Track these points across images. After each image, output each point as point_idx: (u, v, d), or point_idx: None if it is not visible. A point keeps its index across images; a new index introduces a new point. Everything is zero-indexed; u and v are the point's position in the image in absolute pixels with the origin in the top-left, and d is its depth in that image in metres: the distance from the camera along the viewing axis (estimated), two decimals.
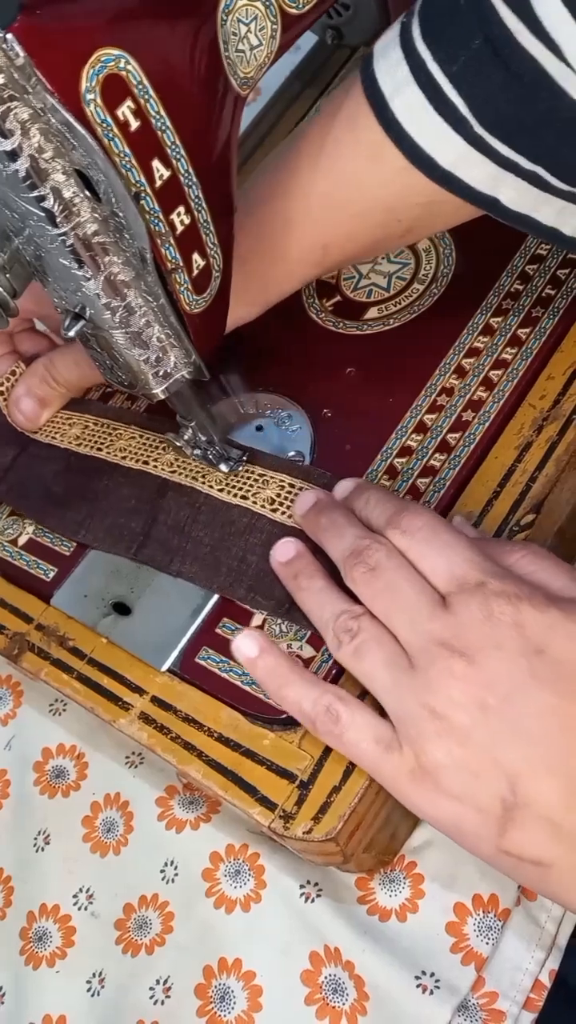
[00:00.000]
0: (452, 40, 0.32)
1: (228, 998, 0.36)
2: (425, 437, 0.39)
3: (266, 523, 0.38)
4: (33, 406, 0.44)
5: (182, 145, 0.29)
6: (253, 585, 0.37)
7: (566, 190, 0.33)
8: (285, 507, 0.38)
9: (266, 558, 0.37)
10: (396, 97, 0.34)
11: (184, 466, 0.41)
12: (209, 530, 0.39)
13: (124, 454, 0.42)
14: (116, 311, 0.31)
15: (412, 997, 0.33)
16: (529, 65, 0.30)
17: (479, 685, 0.28)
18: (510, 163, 0.32)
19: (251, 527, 0.38)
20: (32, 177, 0.27)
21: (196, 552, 0.38)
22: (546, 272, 0.43)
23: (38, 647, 0.40)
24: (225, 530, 0.38)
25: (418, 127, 0.33)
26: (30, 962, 0.40)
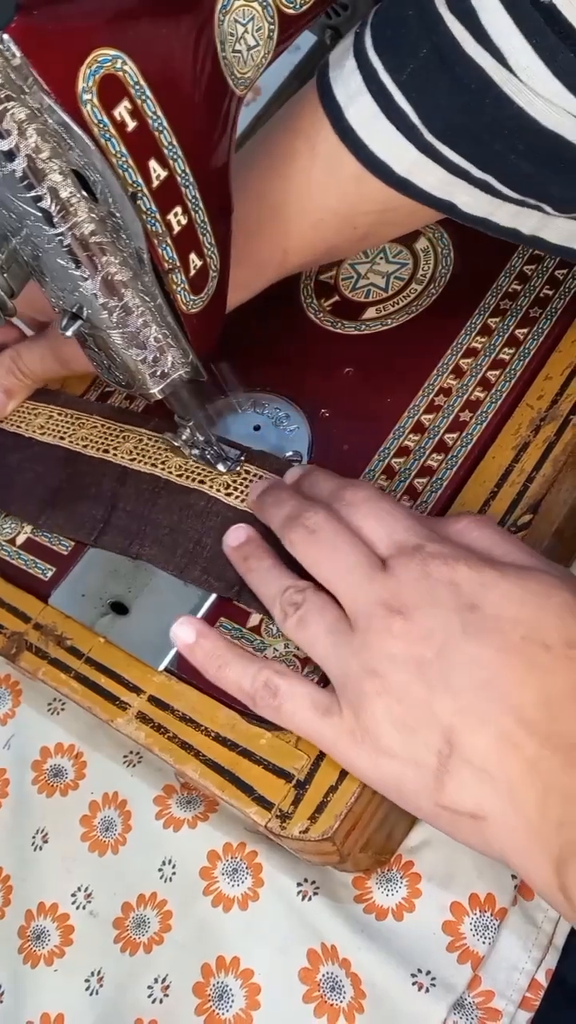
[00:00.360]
0: (401, 49, 0.32)
1: (226, 996, 0.36)
2: (423, 437, 0.39)
3: (222, 507, 0.39)
4: (1, 398, 0.45)
5: (179, 145, 0.29)
6: (207, 567, 0.38)
7: (516, 198, 0.33)
8: (241, 492, 0.39)
9: (221, 541, 0.38)
10: (351, 106, 0.34)
11: (143, 453, 0.42)
12: (167, 513, 0.40)
13: (86, 442, 0.43)
14: (113, 311, 0.31)
15: (408, 995, 0.33)
16: (475, 74, 0.30)
17: (415, 641, 0.29)
18: (461, 170, 0.33)
19: (207, 511, 0.39)
20: (29, 177, 0.27)
21: (155, 535, 0.40)
22: (544, 273, 0.43)
23: (36, 646, 0.40)
24: (184, 513, 0.39)
25: (372, 135, 0.34)
26: (28, 961, 0.40)
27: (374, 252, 0.47)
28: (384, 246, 0.47)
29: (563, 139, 0.30)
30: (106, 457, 0.42)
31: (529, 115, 0.30)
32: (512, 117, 0.30)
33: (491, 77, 0.30)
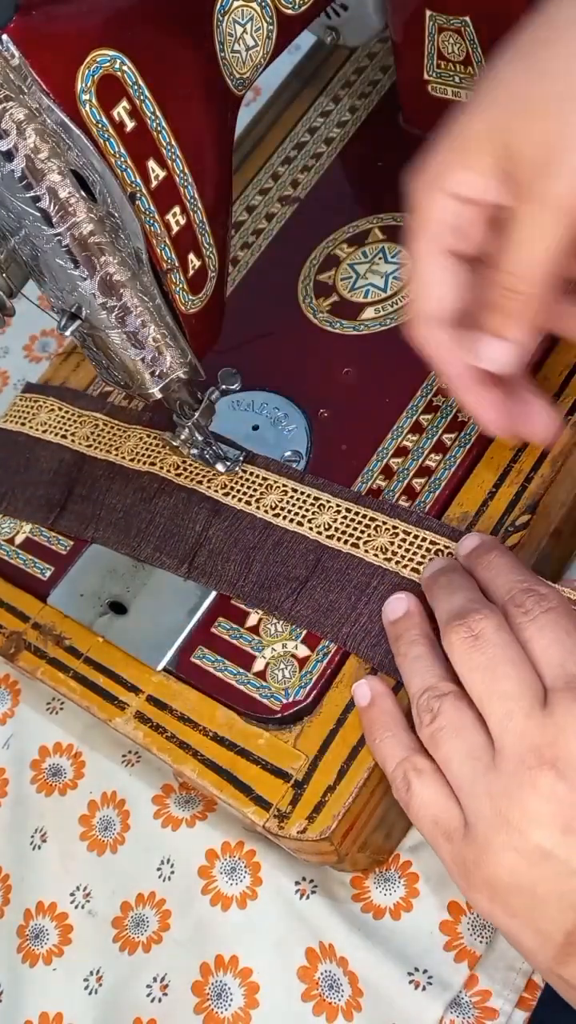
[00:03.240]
0: None
1: (225, 995, 0.36)
2: (421, 437, 0.40)
3: (174, 488, 0.40)
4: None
5: (177, 145, 0.29)
6: (159, 545, 0.39)
7: None
8: (189, 473, 0.40)
9: (172, 519, 0.39)
10: None
11: (99, 439, 0.43)
12: (121, 497, 0.41)
13: (44, 428, 0.43)
14: (112, 311, 0.31)
15: (404, 993, 0.33)
16: None
17: (564, 805, 0.26)
18: None
19: (160, 491, 0.40)
20: (28, 177, 0.27)
21: (110, 518, 0.41)
22: None
23: (34, 646, 0.40)
24: (136, 496, 0.40)
25: None
26: (27, 960, 0.40)
27: (373, 252, 0.47)
28: (383, 246, 0.47)
29: None
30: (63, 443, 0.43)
31: None
32: None
33: None
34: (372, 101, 0.54)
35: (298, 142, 0.54)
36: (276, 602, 0.36)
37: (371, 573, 0.35)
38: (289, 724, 0.34)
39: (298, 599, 0.36)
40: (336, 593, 0.35)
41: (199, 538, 0.38)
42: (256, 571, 0.37)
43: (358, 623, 0.34)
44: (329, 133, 0.53)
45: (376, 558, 0.35)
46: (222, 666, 0.36)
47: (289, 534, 0.37)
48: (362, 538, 0.36)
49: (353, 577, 0.35)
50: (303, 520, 0.38)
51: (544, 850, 0.26)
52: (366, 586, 0.35)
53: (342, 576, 0.35)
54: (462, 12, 0.42)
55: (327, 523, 0.37)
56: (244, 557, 0.37)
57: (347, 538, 0.36)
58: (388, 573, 0.35)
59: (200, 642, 0.37)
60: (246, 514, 0.38)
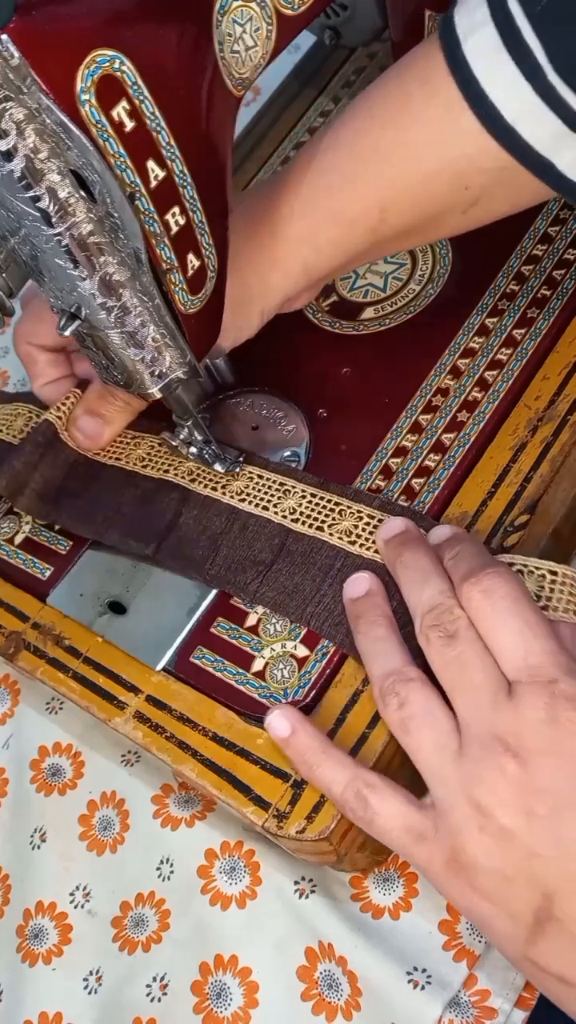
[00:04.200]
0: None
1: (224, 995, 0.36)
2: (420, 437, 0.40)
3: (140, 479, 0.41)
4: (94, 424, 0.42)
5: (177, 146, 0.29)
6: (127, 530, 0.40)
7: None
8: (155, 464, 0.41)
9: (139, 508, 0.40)
10: (469, 38, 0.31)
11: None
12: (84, 485, 0.42)
13: (23, 433, 0.44)
14: (111, 311, 0.31)
15: (403, 992, 0.33)
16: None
17: (529, 791, 0.27)
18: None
19: (127, 482, 0.41)
20: (27, 177, 0.27)
21: (72, 508, 0.42)
22: (542, 273, 0.43)
23: (34, 646, 0.40)
24: (101, 486, 0.42)
25: (487, 73, 0.31)
26: (27, 960, 0.40)
27: None
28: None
29: None
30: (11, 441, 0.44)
31: None
32: None
33: None
34: None
35: (298, 142, 0.54)
36: (242, 584, 0.37)
37: (335, 555, 0.36)
38: None
39: (264, 581, 0.36)
40: (301, 576, 0.36)
41: (168, 525, 0.39)
42: (223, 555, 0.38)
43: (322, 604, 0.35)
44: None
45: (340, 541, 0.36)
46: (221, 666, 0.36)
47: (255, 518, 0.38)
48: (327, 522, 0.37)
49: (317, 560, 0.36)
50: (268, 505, 0.38)
51: (510, 832, 0.27)
52: (330, 568, 0.36)
53: (307, 559, 0.36)
54: None
55: (292, 508, 0.38)
56: (211, 542, 0.38)
57: (312, 522, 0.37)
58: (351, 556, 0.36)
59: (199, 642, 0.37)
60: (213, 500, 0.39)
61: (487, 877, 0.27)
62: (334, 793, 0.31)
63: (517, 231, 0.44)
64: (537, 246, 0.44)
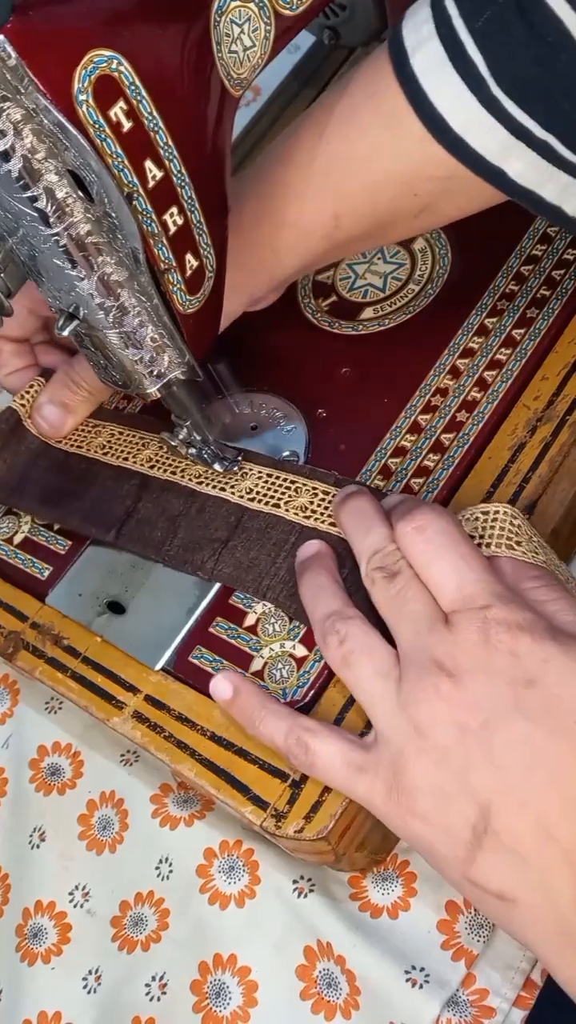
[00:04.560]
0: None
1: (224, 994, 0.36)
2: (419, 437, 0.40)
3: (101, 467, 0.42)
4: (57, 413, 0.44)
5: (175, 146, 0.29)
6: (87, 516, 0.41)
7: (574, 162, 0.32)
8: (116, 452, 0.42)
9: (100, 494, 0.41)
10: (417, 53, 0.33)
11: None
12: (47, 473, 0.44)
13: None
14: (110, 311, 0.31)
15: (401, 990, 0.33)
16: (553, 25, 0.29)
17: (462, 707, 0.28)
18: (522, 130, 0.32)
19: (88, 470, 0.43)
20: (25, 177, 0.28)
21: (34, 494, 0.43)
22: (541, 273, 0.43)
23: (33, 646, 0.40)
24: (63, 474, 0.43)
25: (435, 86, 0.32)
26: (26, 959, 0.40)
27: (372, 252, 0.47)
28: (381, 246, 0.47)
29: None
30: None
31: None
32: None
33: (569, 30, 0.29)
34: None
35: None
36: (199, 563, 0.38)
37: (290, 530, 0.37)
38: None
39: (220, 558, 0.38)
40: (257, 551, 0.37)
41: (128, 510, 0.40)
42: (181, 536, 0.39)
43: (277, 576, 0.36)
44: None
45: (296, 516, 0.37)
46: (220, 666, 0.36)
47: (212, 499, 0.39)
48: (283, 499, 0.38)
49: (273, 535, 0.37)
50: (226, 487, 0.39)
51: (446, 748, 0.28)
52: (285, 542, 0.37)
53: (262, 535, 0.37)
54: None
55: (249, 488, 0.39)
56: (170, 523, 0.39)
57: (268, 500, 0.38)
58: (307, 529, 0.37)
59: (198, 642, 0.37)
60: (172, 484, 0.40)
61: (426, 797, 0.28)
62: (277, 743, 0.32)
63: (516, 231, 0.44)
64: (536, 246, 0.44)
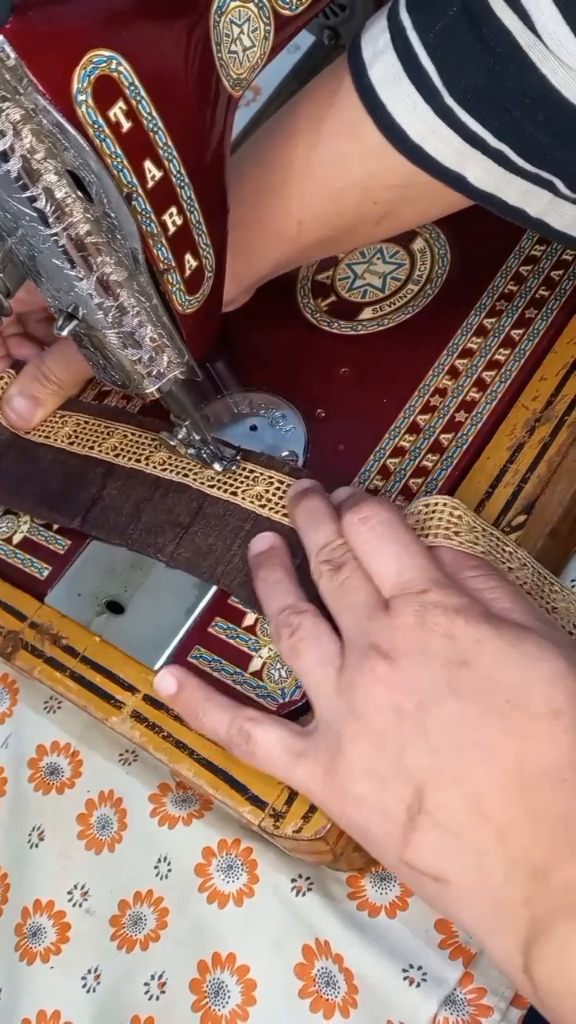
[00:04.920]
0: (432, 7, 0.32)
1: (222, 993, 0.36)
2: (418, 438, 0.40)
3: (67, 456, 0.44)
4: (26, 405, 0.45)
5: (174, 146, 0.29)
6: (54, 505, 0.42)
7: (530, 171, 0.33)
8: (81, 441, 0.43)
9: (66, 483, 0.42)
10: (374, 64, 0.34)
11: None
12: (15, 462, 0.45)
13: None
14: (109, 311, 0.31)
15: (399, 988, 0.33)
16: (502, 36, 0.30)
17: (397, 689, 0.28)
18: (477, 139, 0.32)
19: (56, 459, 0.43)
20: (24, 178, 0.28)
21: (2, 483, 0.44)
22: (540, 273, 0.43)
23: (32, 645, 0.40)
24: (30, 463, 0.44)
25: (392, 96, 0.33)
26: (25, 958, 0.40)
27: (371, 252, 0.47)
28: (381, 246, 0.47)
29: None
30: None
31: (552, 84, 0.29)
32: (534, 84, 0.30)
33: (517, 41, 0.29)
34: None
35: None
36: (160, 545, 0.39)
37: (245, 518, 0.38)
38: None
39: (180, 542, 0.38)
40: (215, 537, 0.38)
41: (94, 497, 0.41)
42: (145, 520, 0.40)
43: (232, 563, 0.37)
44: None
45: (252, 504, 0.38)
46: (219, 665, 0.36)
47: (176, 484, 0.40)
48: (241, 487, 0.39)
49: (230, 522, 0.38)
50: (189, 473, 0.40)
51: (382, 731, 0.28)
52: (240, 529, 0.38)
53: (221, 521, 0.38)
54: None
55: (211, 476, 0.40)
56: (134, 509, 0.40)
57: (227, 487, 0.39)
58: (261, 518, 0.38)
59: (197, 642, 0.37)
60: (138, 472, 0.41)
61: (362, 780, 0.28)
62: (220, 735, 0.32)
63: (515, 232, 0.44)
64: (535, 247, 0.44)
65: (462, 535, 0.33)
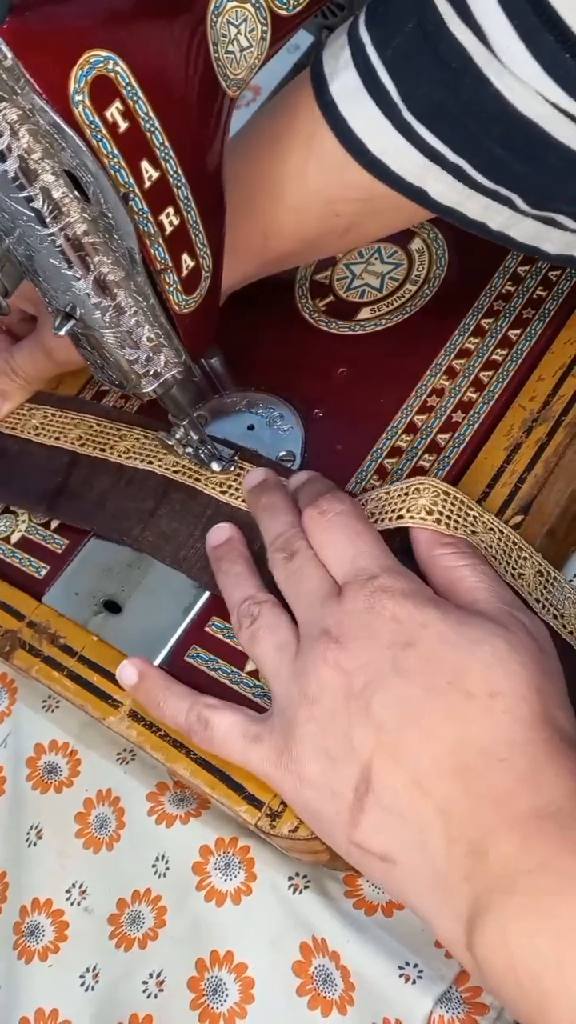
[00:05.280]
0: (389, 24, 0.32)
1: (220, 991, 0.36)
2: (415, 438, 0.40)
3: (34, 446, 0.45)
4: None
5: (171, 146, 0.29)
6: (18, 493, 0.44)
7: (489, 187, 0.33)
8: (48, 432, 0.44)
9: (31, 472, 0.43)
10: (335, 79, 0.34)
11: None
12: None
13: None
14: (106, 311, 0.32)
15: (395, 985, 0.33)
16: (457, 52, 0.30)
17: (346, 671, 0.29)
18: (436, 154, 0.33)
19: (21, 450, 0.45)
20: (21, 177, 0.28)
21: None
22: (537, 274, 0.43)
23: (29, 644, 0.40)
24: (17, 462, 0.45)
25: (352, 111, 0.34)
26: (23, 956, 0.40)
27: (369, 252, 0.47)
28: (379, 246, 0.47)
29: (538, 128, 0.30)
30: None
31: (507, 99, 0.30)
32: (490, 99, 0.30)
33: (472, 56, 0.29)
34: None
35: None
36: (126, 530, 0.40)
37: (207, 504, 0.39)
38: None
39: (147, 527, 0.40)
40: (179, 522, 0.39)
41: (59, 485, 0.43)
42: (110, 507, 0.41)
43: (194, 548, 0.38)
44: None
45: (214, 491, 0.39)
46: (215, 665, 0.36)
47: (140, 472, 0.41)
48: (204, 473, 0.40)
49: (193, 508, 0.39)
50: (153, 460, 0.41)
51: (332, 712, 0.28)
52: (202, 515, 0.39)
53: (184, 507, 0.40)
54: None
55: (175, 461, 0.41)
56: (100, 496, 0.41)
57: (191, 473, 0.40)
58: (222, 504, 0.39)
59: (194, 641, 0.37)
60: (101, 460, 0.42)
61: (313, 762, 0.29)
62: (179, 722, 0.33)
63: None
64: None
65: (438, 515, 0.34)
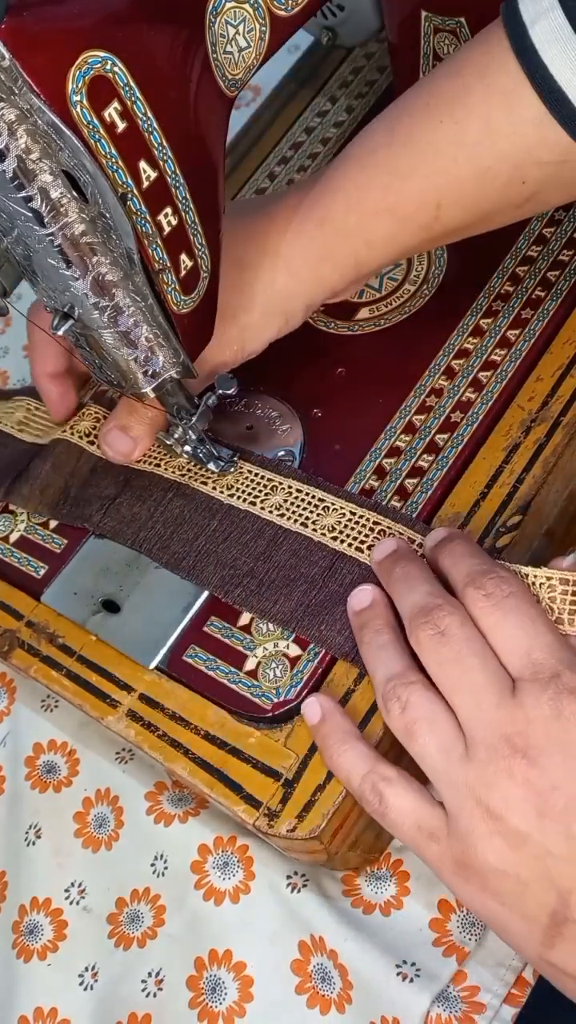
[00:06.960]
0: None
1: (219, 989, 0.36)
2: (414, 438, 0.40)
3: (8, 438, 0.46)
4: (127, 442, 0.40)
5: (169, 146, 0.29)
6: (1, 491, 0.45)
7: None
8: (32, 428, 0.46)
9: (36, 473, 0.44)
10: (537, 23, 0.30)
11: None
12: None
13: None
14: (104, 311, 0.32)
15: (392, 984, 0.33)
16: None
17: (539, 790, 0.27)
18: None
19: (4, 454, 0.46)
20: (19, 178, 0.28)
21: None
22: (537, 273, 0.43)
23: (28, 644, 0.40)
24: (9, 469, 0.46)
25: (557, 58, 0.30)
26: (22, 955, 0.40)
27: None
28: None
29: None
30: None
31: None
32: None
33: None
34: (369, 101, 0.54)
35: (295, 142, 0.54)
36: (88, 516, 0.42)
37: (168, 487, 0.41)
38: (280, 723, 0.34)
39: (107, 513, 0.41)
40: (139, 506, 0.41)
41: (18, 474, 0.44)
42: (72, 496, 0.42)
43: (153, 530, 0.40)
44: (326, 133, 0.54)
45: (173, 474, 0.41)
46: (214, 665, 0.36)
47: (103, 462, 0.42)
48: (164, 459, 0.41)
49: (153, 492, 0.41)
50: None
51: (523, 834, 0.27)
52: (162, 499, 0.41)
53: (144, 491, 0.41)
54: (457, 13, 0.42)
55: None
56: (63, 484, 0.43)
57: (151, 460, 0.42)
58: (182, 486, 0.40)
59: (192, 641, 0.37)
60: (70, 446, 0.44)
61: (500, 880, 0.27)
62: (352, 784, 0.31)
63: (512, 232, 0.44)
64: (532, 247, 0.44)
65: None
